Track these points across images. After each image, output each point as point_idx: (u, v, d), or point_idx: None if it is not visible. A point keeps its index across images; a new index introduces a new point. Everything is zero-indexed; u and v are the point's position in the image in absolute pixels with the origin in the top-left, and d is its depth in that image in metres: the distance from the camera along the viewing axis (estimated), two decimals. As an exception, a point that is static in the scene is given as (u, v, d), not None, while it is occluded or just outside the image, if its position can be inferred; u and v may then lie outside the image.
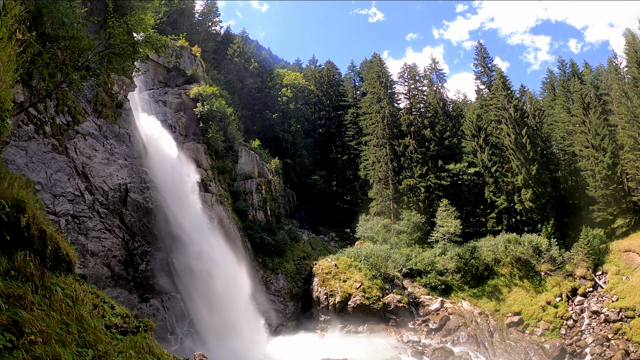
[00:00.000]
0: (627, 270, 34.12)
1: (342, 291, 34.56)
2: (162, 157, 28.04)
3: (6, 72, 5.20)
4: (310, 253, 41.10)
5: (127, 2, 22.00)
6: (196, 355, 15.27)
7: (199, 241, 27.07)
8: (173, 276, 25.08)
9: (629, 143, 39.32)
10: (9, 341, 3.89)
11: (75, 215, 19.43)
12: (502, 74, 50.24)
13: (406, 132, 51.68)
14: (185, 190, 29.01)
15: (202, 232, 28.48)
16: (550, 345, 31.51)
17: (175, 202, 26.46)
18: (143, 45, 11.53)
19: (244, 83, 62.55)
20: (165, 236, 25.20)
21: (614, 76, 47.49)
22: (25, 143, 17.26)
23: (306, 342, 30.50)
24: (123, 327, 6.94)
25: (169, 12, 53.00)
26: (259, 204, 40.30)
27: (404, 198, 48.64)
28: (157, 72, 39.26)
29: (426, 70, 61.48)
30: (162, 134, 30.49)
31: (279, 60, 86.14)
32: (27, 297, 4.67)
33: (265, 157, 46.09)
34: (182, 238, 25.86)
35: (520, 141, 44.87)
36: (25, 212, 5.27)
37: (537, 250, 38.88)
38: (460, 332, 32.46)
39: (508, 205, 45.90)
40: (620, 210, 40.29)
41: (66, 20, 11.54)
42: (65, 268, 6.45)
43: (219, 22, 73.70)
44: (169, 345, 21.95)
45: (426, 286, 37.60)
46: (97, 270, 20.03)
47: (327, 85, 74.19)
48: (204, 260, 26.72)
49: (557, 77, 63.95)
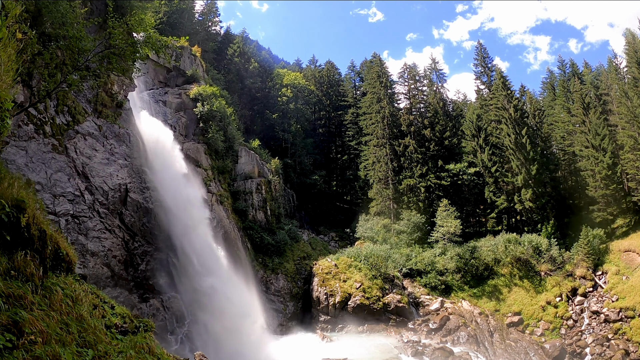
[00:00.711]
0: (627, 270, 34.12)
1: (342, 291, 34.56)
2: (170, 177, 27.77)
3: (6, 72, 5.20)
4: (310, 253, 41.10)
5: (127, 2, 22.02)
6: (196, 355, 15.26)
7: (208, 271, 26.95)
8: (173, 276, 25.06)
9: (629, 143, 39.32)
10: (9, 341, 3.89)
11: (75, 215, 19.42)
12: (502, 74, 50.25)
13: (406, 132, 51.69)
14: (193, 218, 28.11)
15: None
16: (550, 345, 31.51)
17: (185, 233, 26.23)
18: (143, 45, 11.52)
19: (244, 83, 62.55)
20: (165, 238, 25.18)
21: (614, 76, 47.48)
22: (25, 143, 17.26)
23: (306, 342, 30.48)
24: (123, 327, 6.94)
25: (169, 12, 52.96)
26: (259, 204, 40.29)
27: (404, 198, 48.64)
28: (157, 72, 39.25)
29: (426, 70, 61.61)
30: (164, 141, 30.00)
31: (279, 60, 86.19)
32: (27, 297, 4.67)
33: (265, 157, 46.09)
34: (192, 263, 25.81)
35: (520, 141, 44.87)
36: (25, 212, 5.26)
37: (537, 250, 38.87)
38: (460, 332, 32.46)
39: (508, 205, 45.91)
40: (620, 210, 40.29)
41: (66, 20, 11.53)
42: (65, 268, 6.44)
43: (219, 22, 73.71)
44: (169, 345, 21.94)
45: (426, 286, 37.60)
46: (97, 270, 20.02)
47: (327, 85, 74.20)
48: (214, 294, 26.61)
49: (557, 77, 63.95)
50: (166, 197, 25.90)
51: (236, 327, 27.50)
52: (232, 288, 29.33)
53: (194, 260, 26.02)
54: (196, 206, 29.33)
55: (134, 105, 28.61)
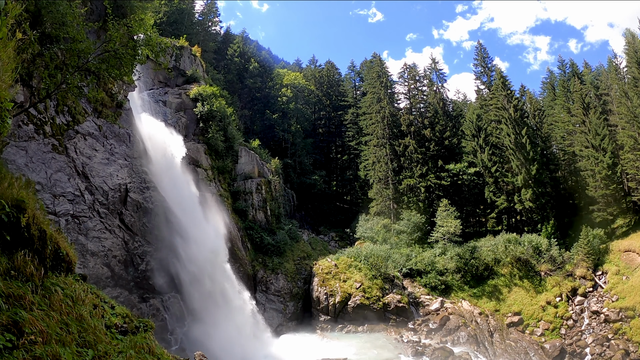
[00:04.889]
0: (627, 270, 34.12)
1: (342, 291, 34.55)
2: (171, 177, 27.72)
3: (6, 72, 5.20)
4: (310, 253, 41.08)
5: (127, 2, 21.99)
6: (196, 355, 15.24)
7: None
8: (173, 277, 25.05)
9: (629, 143, 39.30)
10: (9, 341, 3.89)
11: (75, 215, 19.41)
12: (502, 74, 50.25)
13: (406, 132, 51.67)
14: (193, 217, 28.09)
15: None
16: (550, 345, 31.50)
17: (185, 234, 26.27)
18: (143, 47, 11.49)
19: (244, 83, 62.56)
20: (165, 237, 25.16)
21: (614, 76, 47.45)
22: (25, 143, 17.24)
23: (306, 342, 30.47)
24: (123, 327, 6.95)
25: (169, 12, 53.00)
26: (259, 204, 40.29)
27: (404, 198, 48.63)
28: (157, 72, 39.22)
29: (426, 70, 61.54)
30: (164, 141, 29.91)
31: (279, 60, 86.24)
32: (27, 297, 4.67)
33: (265, 157, 46.09)
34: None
35: (520, 141, 44.86)
36: (25, 212, 5.26)
37: (537, 250, 38.86)
38: (460, 332, 32.46)
39: (508, 205, 45.89)
40: (620, 210, 40.29)
41: (66, 21, 11.52)
42: (65, 268, 6.44)
43: (219, 22, 73.89)
44: (169, 345, 21.94)
45: (426, 286, 37.58)
46: (97, 270, 20.01)
47: (327, 85, 74.18)
48: (214, 294, 26.66)
49: (557, 77, 63.91)
50: (166, 197, 25.91)
51: (236, 327, 27.52)
52: (232, 288, 29.35)
53: (190, 247, 26.03)
54: (196, 206, 29.33)
55: (134, 105, 28.59)
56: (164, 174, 26.90)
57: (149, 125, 29.39)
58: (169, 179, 27.19)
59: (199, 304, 25.64)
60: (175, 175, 28.78)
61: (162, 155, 28.10)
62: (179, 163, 30.32)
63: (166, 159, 28.49)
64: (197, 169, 34.36)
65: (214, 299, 26.75)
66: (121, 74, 11.44)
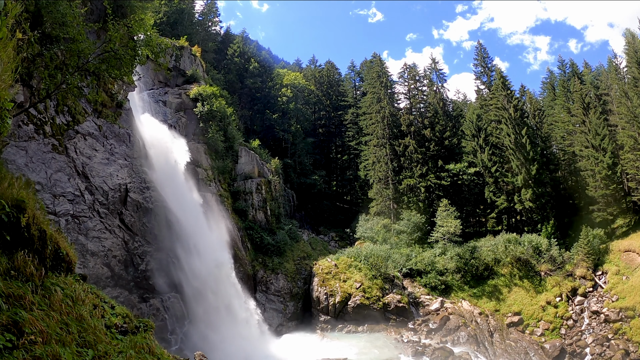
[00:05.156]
0: (627, 270, 34.12)
1: (342, 291, 34.55)
2: (171, 177, 27.69)
3: (6, 72, 5.20)
4: (310, 253, 41.07)
5: (127, 2, 21.98)
6: (196, 355, 15.24)
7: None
8: (173, 277, 25.04)
9: (629, 143, 39.31)
10: (9, 341, 3.89)
11: (75, 215, 19.41)
12: (502, 74, 50.26)
13: (406, 132, 51.67)
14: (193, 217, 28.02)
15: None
16: (550, 345, 31.51)
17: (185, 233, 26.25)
18: (143, 48, 11.49)
19: (244, 83, 62.53)
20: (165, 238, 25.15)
21: (614, 76, 47.44)
22: (25, 143, 17.24)
23: (306, 342, 30.47)
24: (123, 327, 6.95)
25: (169, 12, 53.00)
26: (259, 204, 40.28)
27: (404, 198, 48.63)
28: (157, 72, 39.22)
29: (426, 70, 61.53)
30: (164, 141, 29.66)
31: (279, 60, 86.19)
32: (27, 297, 4.67)
33: (265, 157, 46.08)
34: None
35: (520, 141, 44.86)
36: (25, 212, 5.27)
37: (537, 250, 38.87)
38: (460, 332, 32.45)
39: (508, 205, 45.89)
40: (620, 210, 40.29)
41: (66, 21, 11.51)
42: (65, 268, 6.44)
43: (219, 22, 73.86)
44: (169, 345, 21.94)
45: (426, 286, 37.58)
46: (97, 270, 20.01)
47: (327, 85, 74.18)
48: (215, 294, 26.61)
49: (557, 77, 63.91)
50: (166, 197, 25.90)
51: (236, 327, 27.51)
52: (232, 288, 29.33)
53: (193, 259, 26.03)
54: (196, 206, 29.29)
55: (134, 105, 28.57)
56: (167, 181, 26.78)
57: (151, 127, 29.23)
58: (171, 185, 27.04)
59: (199, 303, 25.65)
60: (179, 182, 28.61)
61: (165, 161, 27.91)
62: (182, 169, 30.06)
63: (169, 165, 28.31)
64: (197, 169, 34.35)
65: (214, 298, 26.74)
66: (121, 74, 11.43)
